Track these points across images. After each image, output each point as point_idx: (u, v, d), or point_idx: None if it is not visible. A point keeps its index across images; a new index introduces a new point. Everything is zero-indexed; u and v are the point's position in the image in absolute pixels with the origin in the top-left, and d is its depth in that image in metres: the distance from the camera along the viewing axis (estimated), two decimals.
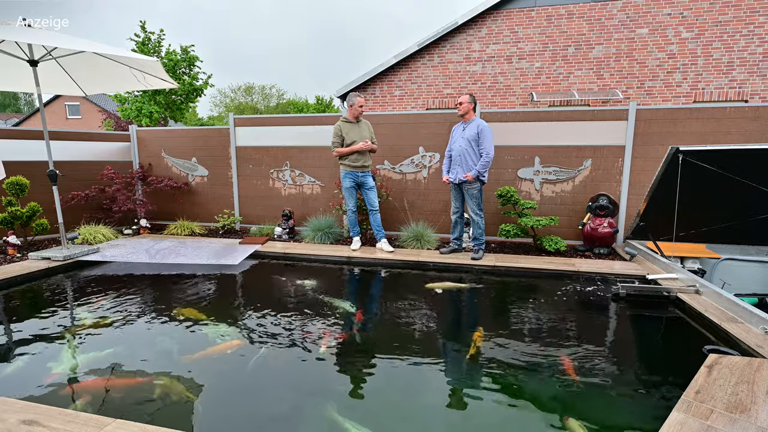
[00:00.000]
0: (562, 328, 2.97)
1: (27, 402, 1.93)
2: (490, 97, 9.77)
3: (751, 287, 3.85)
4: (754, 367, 2.14)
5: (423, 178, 5.63)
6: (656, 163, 4.66)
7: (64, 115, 30.41)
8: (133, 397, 2.12)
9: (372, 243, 5.22)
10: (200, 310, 3.30)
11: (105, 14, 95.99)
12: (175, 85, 5.06)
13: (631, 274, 3.98)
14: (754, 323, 2.68)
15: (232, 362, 2.52)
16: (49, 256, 4.41)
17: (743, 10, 8.33)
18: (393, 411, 2.07)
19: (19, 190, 4.92)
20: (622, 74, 9.03)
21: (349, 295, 3.85)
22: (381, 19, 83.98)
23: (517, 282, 4.12)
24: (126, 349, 2.66)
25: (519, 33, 9.39)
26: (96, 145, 6.26)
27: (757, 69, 8.43)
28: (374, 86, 10.38)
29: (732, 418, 1.73)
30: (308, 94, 63.72)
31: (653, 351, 2.84)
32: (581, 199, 5.17)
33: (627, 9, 8.80)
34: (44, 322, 3.04)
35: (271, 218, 6.23)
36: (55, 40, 3.72)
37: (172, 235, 6.00)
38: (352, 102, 4.72)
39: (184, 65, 11.16)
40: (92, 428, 1.71)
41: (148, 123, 10.69)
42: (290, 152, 6.08)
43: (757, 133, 4.61)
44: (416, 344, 2.75)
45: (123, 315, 3.18)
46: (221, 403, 2.09)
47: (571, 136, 5.10)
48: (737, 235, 4.12)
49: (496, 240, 5.33)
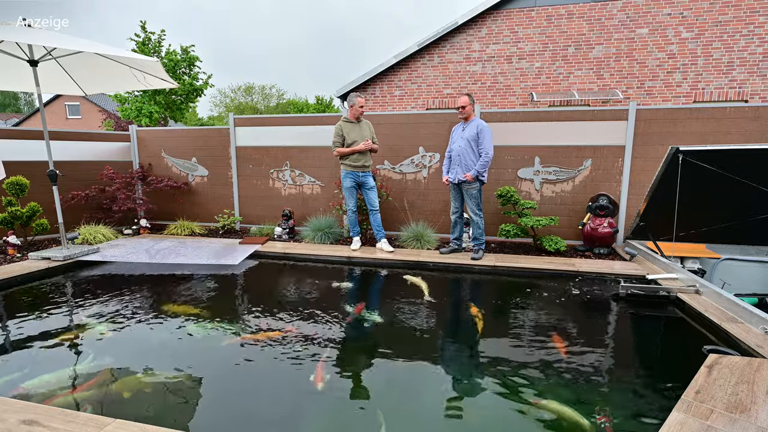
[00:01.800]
0: (562, 328, 2.97)
1: (27, 402, 1.93)
2: (490, 97, 9.77)
3: (751, 287, 3.85)
4: (754, 367, 2.15)
5: (423, 178, 5.63)
6: (656, 163, 4.66)
7: (64, 115, 30.41)
8: (132, 397, 2.12)
9: (372, 243, 5.23)
10: (200, 309, 3.29)
11: (105, 14, 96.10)
12: (175, 85, 5.06)
13: (631, 274, 3.98)
14: (754, 323, 2.68)
15: (232, 363, 2.52)
16: (49, 256, 4.41)
17: (743, 10, 8.33)
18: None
19: (19, 190, 4.92)
20: (622, 74, 9.03)
21: (349, 295, 3.85)
22: (381, 20, 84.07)
23: (517, 282, 4.12)
24: (126, 349, 2.66)
25: (519, 33, 9.39)
26: (96, 145, 6.26)
27: (757, 69, 8.43)
28: (374, 86, 10.39)
29: (732, 418, 1.73)
30: (308, 94, 63.78)
31: (653, 351, 2.84)
32: (581, 199, 5.17)
33: (627, 9, 8.80)
34: (45, 323, 3.03)
35: (271, 218, 6.23)
36: (55, 40, 3.72)
37: (172, 235, 6.00)
38: (353, 102, 4.72)
39: (184, 65, 11.17)
40: (92, 428, 1.71)
41: (148, 123, 10.69)
42: (290, 152, 6.08)
43: (757, 133, 4.61)
44: (414, 343, 2.75)
45: (123, 315, 3.17)
46: (221, 403, 2.09)
47: (571, 136, 5.10)
48: (737, 235, 4.12)
49: (496, 240, 5.33)
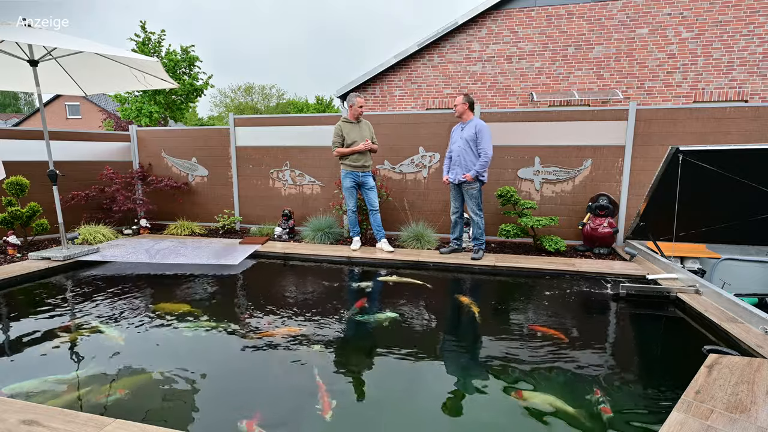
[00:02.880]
0: (561, 327, 2.97)
1: (27, 402, 1.93)
2: (490, 97, 9.77)
3: (751, 287, 3.85)
4: (754, 367, 2.15)
5: (423, 178, 5.63)
6: (656, 163, 4.65)
7: (64, 115, 30.41)
8: (132, 398, 2.12)
9: (372, 243, 5.23)
10: (200, 309, 3.30)
11: (105, 14, 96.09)
12: (175, 85, 5.06)
13: (631, 274, 3.98)
14: (754, 323, 2.68)
15: (232, 361, 2.52)
16: (49, 256, 4.41)
17: (743, 10, 8.33)
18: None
19: (19, 190, 4.92)
20: (622, 74, 9.03)
21: (350, 294, 3.85)
22: (381, 20, 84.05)
23: (517, 282, 4.12)
24: (126, 349, 2.66)
25: (519, 33, 9.39)
26: (96, 145, 6.26)
27: (757, 69, 8.43)
28: (374, 86, 10.39)
29: (732, 418, 1.73)
30: (308, 94, 63.75)
31: (653, 351, 2.84)
32: (581, 199, 5.17)
33: (627, 9, 8.80)
34: (44, 323, 3.03)
35: (271, 218, 6.23)
36: (55, 40, 3.72)
37: (172, 235, 6.00)
38: (352, 102, 4.72)
39: (184, 65, 11.16)
40: (92, 428, 1.71)
41: (148, 123, 10.69)
42: (290, 152, 6.08)
43: (757, 133, 4.61)
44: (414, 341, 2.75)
45: (123, 315, 3.18)
46: (221, 402, 2.09)
47: (571, 136, 5.10)
48: (737, 235, 4.12)
49: (496, 240, 5.33)
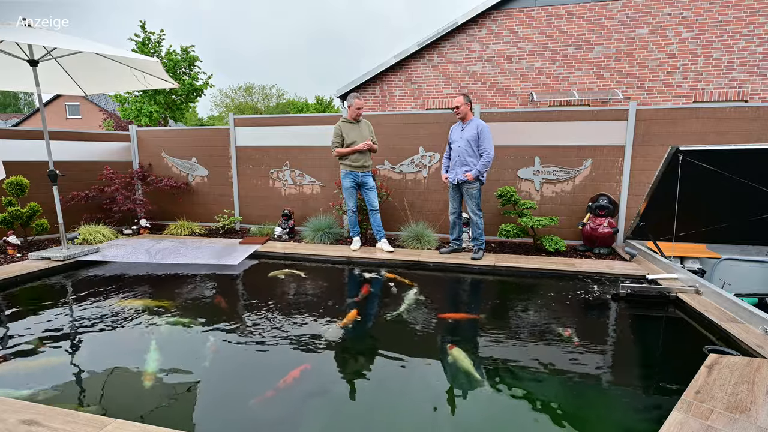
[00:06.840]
0: (561, 327, 2.97)
1: (27, 402, 1.93)
2: (490, 97, 9.77)
3: (751, 287, 3.84)
4: (754, 367, 2.15)
5: (423, 178, 5.63)
6: (656, 163, 4.66)
7: (64, 115, 30.39)
8: (132, 398, 2.12)
9: (372, 243, 5.22)
10: (199, 308, 3.29)
11: (105, 14, 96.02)
12: (175, 85, 5.05)
13: (630, 274, 3.97)
14: (754, 323, 2.68)
15: (232, 361, 2.52)
16: (49, 256, 4.41)
17: (743, 10, 8.33)
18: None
19: (19, 190, 4.92)
20: (622, 74, 9.03)
21: (350, 294, 3.85)
22: (380, 20, 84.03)
23: (517, 282, 4.12)
24: (126, 349, 2.66)
25: (519, 33, 9.38)
26: (96, 145, 6.26)
27: (757, 69, 8.42)
28: (374, 86, 10.38)
29: (732, 418, 1.73)
30: (308, 94, 63.78)
31: (653, 351, 2.84)
32: (581, 199, 5.17)
33: (627, 9, 8.80)
34: (45, 322, 3.03)
35: (271, 218, 6.23)
36: (55, 40, 3.72)
37: (172, 235, 6.00)
38: (351, 103, 4.72)
39: (184, 65, 11.14)
40: (92, 428, 1.71)
41: (148, 123, 10.69)
42: (290, 152, 6.08)
43: (757, 133, 4.61)
44: (412, 341, 2.75)
45: (123, 315, 3.17)
46: (221, 402, 2.09)
47: (571, 136, 5.10)
48: (737, 235, 4.13)
49: (496, 240, 5.33)
